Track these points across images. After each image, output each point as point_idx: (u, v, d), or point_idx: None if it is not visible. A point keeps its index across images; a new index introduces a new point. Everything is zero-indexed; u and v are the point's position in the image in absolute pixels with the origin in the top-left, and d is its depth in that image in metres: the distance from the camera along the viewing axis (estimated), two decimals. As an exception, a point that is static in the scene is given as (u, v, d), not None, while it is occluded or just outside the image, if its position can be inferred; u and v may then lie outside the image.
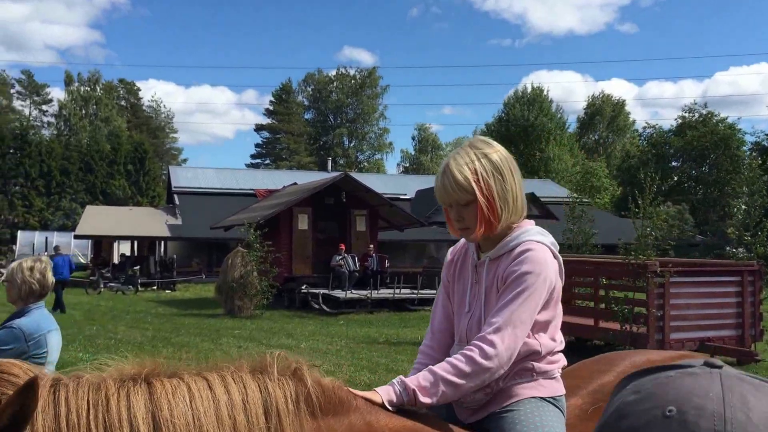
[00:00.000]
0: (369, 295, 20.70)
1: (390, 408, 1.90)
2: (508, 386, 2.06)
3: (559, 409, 2.09)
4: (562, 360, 2.17)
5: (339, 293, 20.61)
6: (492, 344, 1.94)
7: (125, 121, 74.27)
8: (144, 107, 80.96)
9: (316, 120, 79.13)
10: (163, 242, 32.89)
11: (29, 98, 76.12)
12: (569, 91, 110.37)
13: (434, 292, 22.62)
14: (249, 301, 19.23)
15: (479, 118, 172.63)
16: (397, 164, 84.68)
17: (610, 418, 0.73)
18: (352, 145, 77.62)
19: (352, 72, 78.52)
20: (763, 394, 0.70)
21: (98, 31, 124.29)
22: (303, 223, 23.33)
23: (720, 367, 0.74)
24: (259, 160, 79.56)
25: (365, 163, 76.51)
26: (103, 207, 40.39)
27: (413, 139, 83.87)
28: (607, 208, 47.64)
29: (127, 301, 23.19)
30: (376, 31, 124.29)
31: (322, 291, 20.85)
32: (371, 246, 23.65)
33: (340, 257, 22.36)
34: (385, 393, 1.93)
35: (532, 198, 39.87)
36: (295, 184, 28.98)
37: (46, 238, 27.90)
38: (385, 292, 21.49)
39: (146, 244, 32.91)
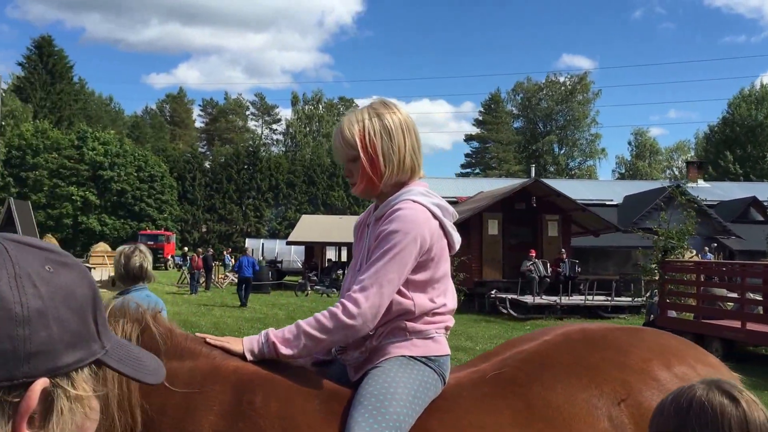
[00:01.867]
0: (559, 300, 20.17)
1: (250, 357, 1.96)
2: (381, 345, 2.06)
3: (433, 369, 2.05)
4: (444, 321, 2.13)
5: (527, 298, 20.31)
6: (356, 303, 1.95)
7: (344, 136, 79.27)
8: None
9: (525, 128, 78.42)
10: (366, 248, 34.49)
11: (261, 118, 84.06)
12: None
13: (629, 299, 21.49)
14: (434, 303, 19.58)
15: (707, 119, 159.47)
16: (612, 170, 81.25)
17: None
18: (562, 152, 75.90)
19: (561, 79, 77.09)
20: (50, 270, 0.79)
21: (327, 54, 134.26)
22: (493, 228, 23.42)
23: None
24: (468, 170, 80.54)
25: (576, 170, 74.31)
26: (316, 216, 43.32)
27: (629, 144, 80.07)
28: None
29: (329, 303, 24.38)
30: (596, 37, 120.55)
31: (510, 296, 20.68)
32: (563, 251, 23.07)
33: (530, 263, 22.05)
34: (247, 343, 1.99)
35: (753, 202, 36.17)
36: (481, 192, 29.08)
37: (263, 244, 30.66)
38: (576, 299, 20.83)
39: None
